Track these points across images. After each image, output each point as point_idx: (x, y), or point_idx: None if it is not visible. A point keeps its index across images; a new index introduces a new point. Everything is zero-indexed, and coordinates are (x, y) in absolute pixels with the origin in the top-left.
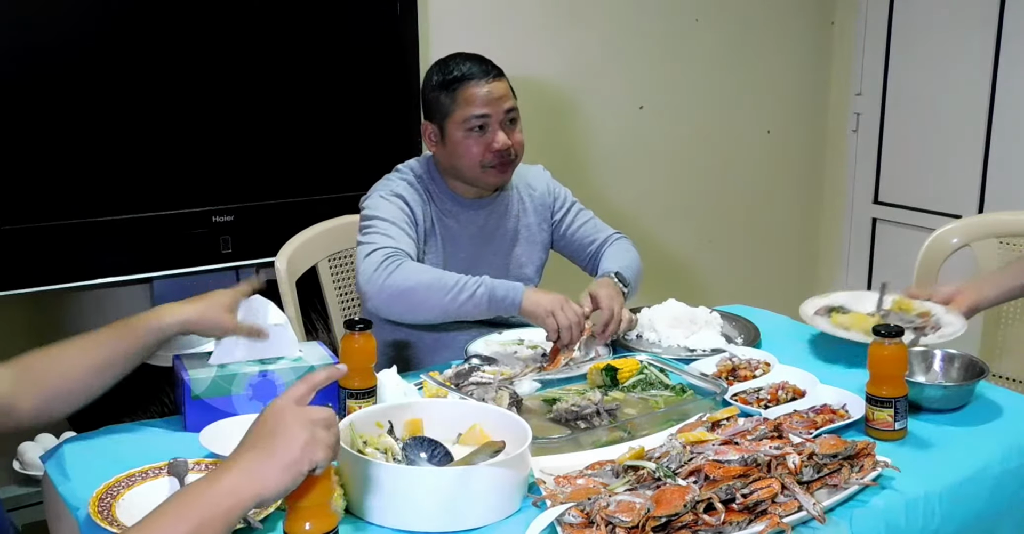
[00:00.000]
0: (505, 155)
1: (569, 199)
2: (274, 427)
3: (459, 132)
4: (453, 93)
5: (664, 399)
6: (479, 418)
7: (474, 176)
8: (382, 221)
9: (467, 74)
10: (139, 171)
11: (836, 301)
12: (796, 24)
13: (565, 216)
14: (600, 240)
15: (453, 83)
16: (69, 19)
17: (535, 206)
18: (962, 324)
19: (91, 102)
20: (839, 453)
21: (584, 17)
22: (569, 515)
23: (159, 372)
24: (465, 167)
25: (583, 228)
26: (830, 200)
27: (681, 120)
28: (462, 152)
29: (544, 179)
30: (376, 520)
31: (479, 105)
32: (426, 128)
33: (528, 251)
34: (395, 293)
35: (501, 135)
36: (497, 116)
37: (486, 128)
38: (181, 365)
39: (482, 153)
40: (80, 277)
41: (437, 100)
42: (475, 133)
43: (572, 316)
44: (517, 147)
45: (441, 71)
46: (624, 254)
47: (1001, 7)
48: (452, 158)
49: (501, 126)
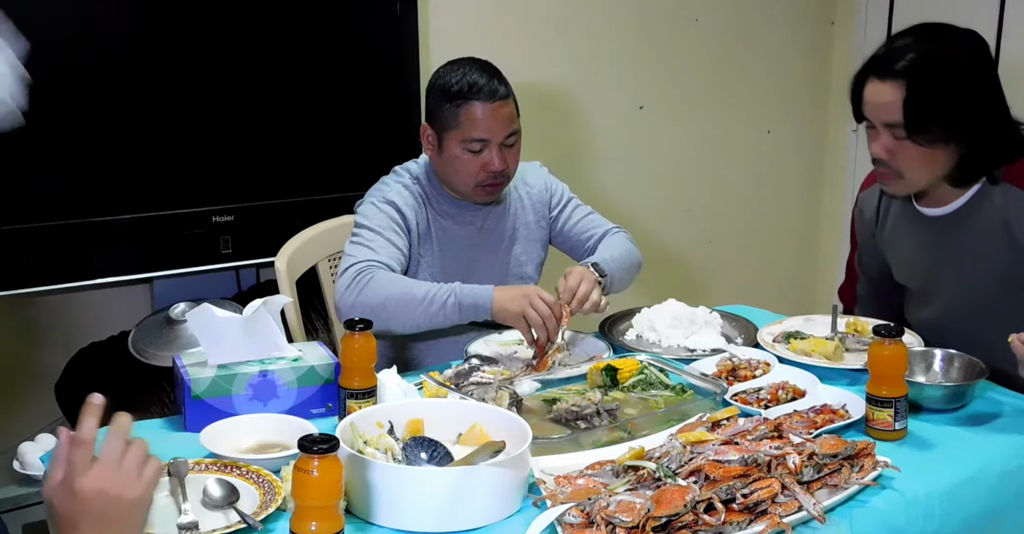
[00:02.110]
0: (499, 176)
1: (566, 194)
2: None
3: (456, 148)
4: (457, 109)
5: (664, 399)
6: (479, 418)
7: (464, 191)
8: (368, 231)
9: (474, 91)
10: (139, 171)
11: (791, 327)
12: (796, 24)
13: (562, 212)
14: (598, 234)
15: (458, 97)
16: (69, 20)
17: (533, 204)
18: (918, 341)
19: (91, 102)
20: (839, 453)
21: (584, 17)
22: (569, 515)
23: (159, 372)
24: (457, 181)
25: (581, 223)
26: (830, 200)
27: (681, 120)
28: (456, 168)
29: (541, 176)
30: (376, 520)
31: (481, 129)
32: (424, 130)
33: (527, 249)
34: (366, 310)
35: (498, 159)
36: (497, 140)
37: (484, 150)
38: (181, 365)
39: (476, 173)
40: (80, 277)
41: (440, 109)
42: (473, 152)
43: (543, 309)
44: (512, 167)
45: (449, 78)
46: (615, 246)
47: (1001, 7)
48: (446, 169)
49: (499, 149)
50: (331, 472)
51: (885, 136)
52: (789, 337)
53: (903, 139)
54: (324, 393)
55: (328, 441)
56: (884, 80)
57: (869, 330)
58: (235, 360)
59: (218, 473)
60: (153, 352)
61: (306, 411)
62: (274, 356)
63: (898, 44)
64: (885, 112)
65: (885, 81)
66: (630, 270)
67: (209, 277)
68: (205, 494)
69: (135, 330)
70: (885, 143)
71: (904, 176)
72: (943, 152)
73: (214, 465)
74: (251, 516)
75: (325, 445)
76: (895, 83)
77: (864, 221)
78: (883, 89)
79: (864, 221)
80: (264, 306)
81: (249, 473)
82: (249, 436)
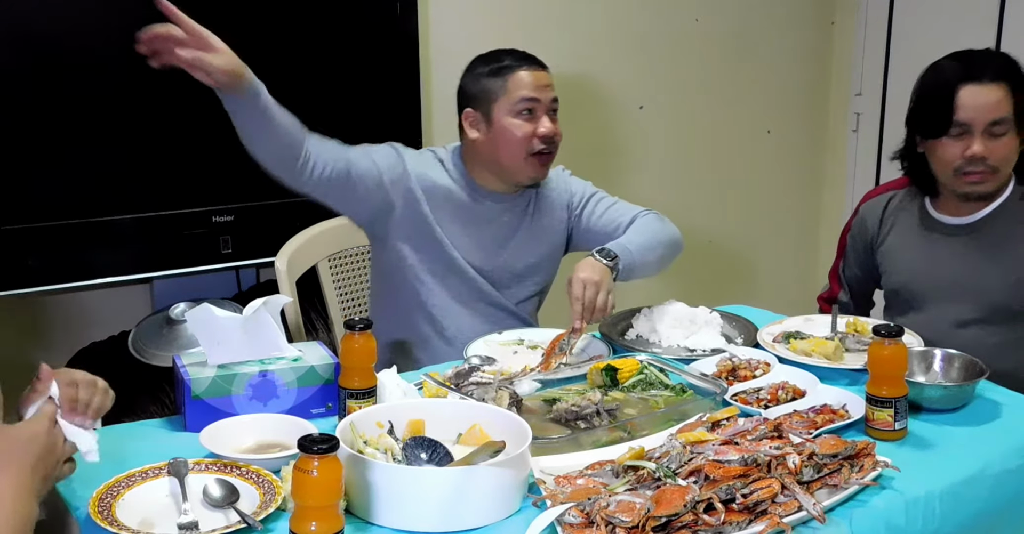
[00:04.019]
0: (550, 143)
1: (588, 191)
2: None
3: (507, 116)
4: (503, 78)
5: (664, 399)
6: (479, 418)
7: (515, 165)
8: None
9: (516, 62)
10: (139, 171)
11: (791, 327)
12: (796, 24)
13: (585, 208)
14: (624, 223)
15: (503, 70)
16: (69, 19)
17: (552, 208)
18: (918, 341)
19: (91, 102)
20: (839, 453)
21: (584, 17)
22: (569, 515)
23: (159, 372)
24: (509, 154)
25: (606, 215)
26: (830, 200)
27: (681, 120)
28: (508, 137)
29: (562, 180)
30: (376, 520)
31: (530, 89)
32: (468, 115)
33: (538, 252)
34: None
35: (547, 121)
36: (545, 102)
37: (534, 112)
38: (181, 365)
39: (529, 138)
40: (80, 277)
41: (484, 87)
42: (523, 116)
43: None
44: (559, 138)
45: (488, 61)
46: (641, 230)
47: (1001, 7)
48: (496, 145)
49: (547, 114)
50: (331, 472)
51: (983, 136)
52: (789, 337)
53: (1001, 136)
54: (324, 393)
55: (328, 441)
56: (984, 83)
57: (869, 330)
58: (235, 360)
59: (218, 473)
60: (153, 352)
61: (306, 411)
62: (274, 356)
63: (979, 56)
64: (992, 111)
65: (985, 84)
66: (656, 250)
67: (209, 277)
68: (205, 494)
69: (135, 330)
70: (984, 142)
71: (999, 171)
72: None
73: (214, 465)
74: (251, 516)
75: (325, 445)
76: (997, 84)
77: (864, 229)
78: (986, 91)
79: (864, 229)
80: (264, 306)
81: (249, 473)
82: (249, 436)
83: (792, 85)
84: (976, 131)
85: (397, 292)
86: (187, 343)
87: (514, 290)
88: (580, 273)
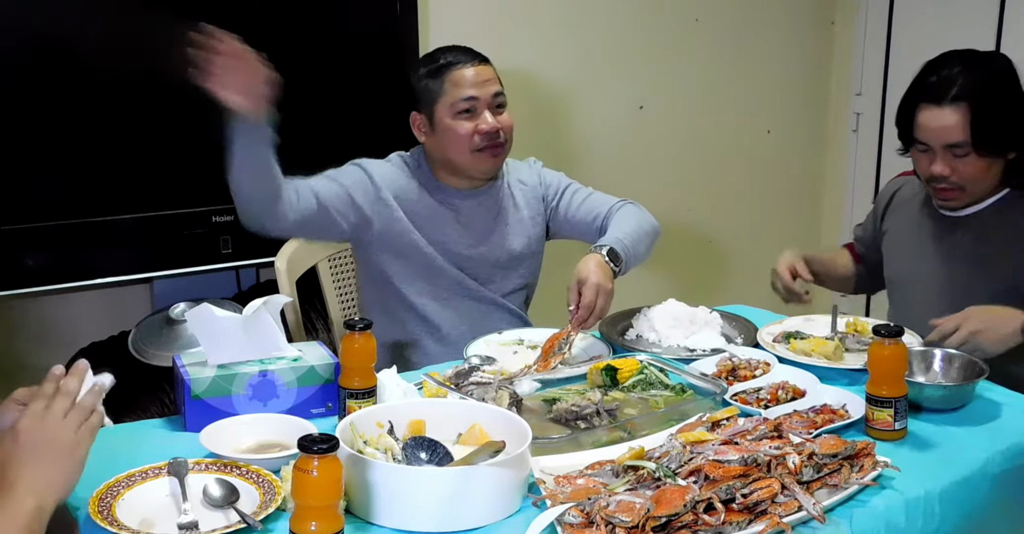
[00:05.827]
0: (494, 137)
1: (563, 183)
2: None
3: (448, 117)
4: (441, 78)
5: (664, 399)
6: (479, 418)
7: (465, 162)
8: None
9: (454, 60)
10: (139, 171)
11: (791, 327)
12: (796, 24)
13: (561, 200)
14: (604, 213)
15: (441, 70)
16: (69, 19)
17: (527, 200)
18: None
19: (91, 102)
20: (839, 453)
21: (584, 17)
22: (569, 515)
23: (159, 372)
24: (456, 153)
25: (583, 206)
26: (830, 200)
27: (681, 120)
28: (452, 137)
29: (535, 172)
30: (376, 520)
31: (467, 87)
32: (415, 119)
33: (518, 244)
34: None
35: (489, 117)
36: (485, 99)
37: (474, 111)
38: (181, 365)
39: (471, 136)
40: (80, 277)
41: (425, 88)
42: (464, 116)
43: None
44: (506, 130)
45: (428, 61)
46: (625, 222)
47: (1001, 7)
48: (442, 146)
49: (489, 109)
50: (331, 472)
51: (944, 156)
52: (789, 337)
53: (963, 156)
54: (324, 393)
55: (328, 441)
56: (942, 106)
57: (869, 330)
58: (235, 360)
59: (218, 473)
60: (153, 352)
61: (306, 411)
62: (274, 356)
63: (945, 73)
64: (948, 134)
65: (944, 107)
66: (644, 241)
67: (209, 277)
68: (205, 494)
69: (135, 330)
70: (946, 162)
71: (966, 189)
72: (999, 161)
73: (214, 465)
74: (251, 516)
75: (325, 445)
76: (955, 107)
77: (879, 203)
78: (942, 114)
79: (879, 203)
80: (264, 306)
81: (249, 473)
82: (249, 436)
83: (792, 85)
84: (936, 151)
85: (386, 298)
86: (187, 343)
87: (499, 283)
88: (593, 277)
